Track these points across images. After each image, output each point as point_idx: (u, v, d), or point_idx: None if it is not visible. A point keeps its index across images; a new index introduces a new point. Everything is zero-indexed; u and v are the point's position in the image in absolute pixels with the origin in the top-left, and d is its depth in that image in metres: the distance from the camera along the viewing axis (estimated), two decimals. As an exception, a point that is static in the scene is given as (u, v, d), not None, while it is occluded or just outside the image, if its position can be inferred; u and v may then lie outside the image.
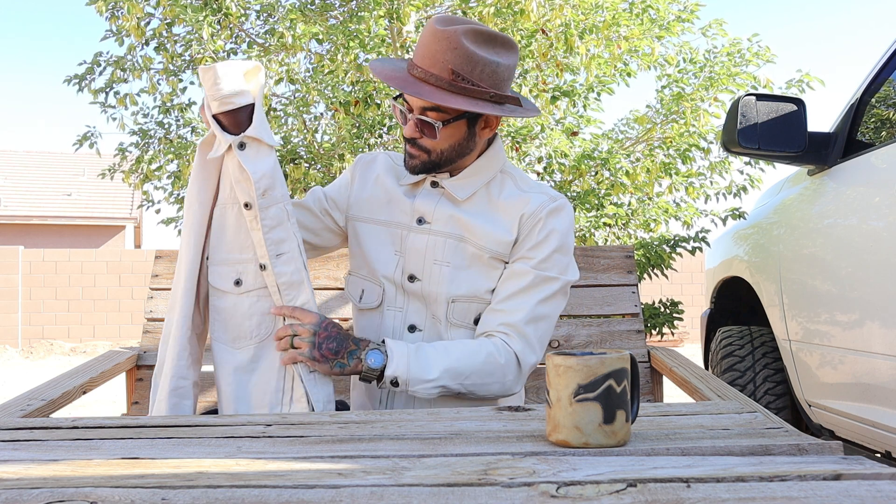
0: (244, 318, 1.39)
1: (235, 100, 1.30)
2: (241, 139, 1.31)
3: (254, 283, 1.38)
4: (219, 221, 1.39)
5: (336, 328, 1.36)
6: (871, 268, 1.78)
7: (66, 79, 4.24)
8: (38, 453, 0.87)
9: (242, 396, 1.37)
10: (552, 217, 1.44)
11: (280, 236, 1.36)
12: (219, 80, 1.28)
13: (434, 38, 1.37)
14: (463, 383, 1.37)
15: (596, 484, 0.70)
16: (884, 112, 2.06)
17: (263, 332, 1.39)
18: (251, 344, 1.39)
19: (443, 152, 1.43)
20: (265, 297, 1.39)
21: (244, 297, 1.39)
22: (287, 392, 1.37)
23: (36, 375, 7.99)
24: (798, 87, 3.99)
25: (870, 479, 0.71)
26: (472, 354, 1.37)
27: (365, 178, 1.55)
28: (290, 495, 0.68)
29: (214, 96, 1.29)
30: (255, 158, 1.32)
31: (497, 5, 3.76)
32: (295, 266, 1.37)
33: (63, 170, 18.71)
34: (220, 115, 1.32)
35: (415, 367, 1.35)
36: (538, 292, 1.42)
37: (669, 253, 3.75)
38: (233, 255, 1.39)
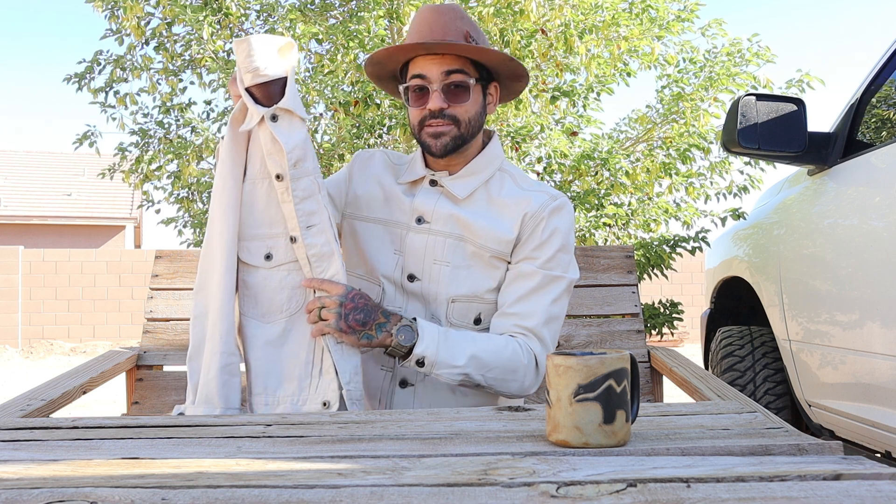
0: (275, 292, 1.38)
1: (269, 72, 1.30)
2: (274, 111, 1.31)
3: (284, 257, 1.38)
4: (248, 197, 1.39)
5: (364, 299, 1.35)
6: (871, 268, 1.78)
7: (65, 77, 4.24)
8: (38, 453, 0.87)
9: (273, 370, 1.37)
10: (554, 216, 1.45)
11: (311, 208, 1.35)
12: (253, 52, 1.28)
13: (437, 13, 1.42)
14: (485, 375, 1.36)
15: (596, 484, 0.70)
16: (884, 112, 2.06)
17: (294, 306, 1.39)
18: (282, 318, 1.38)
19: (470, 122, 1.44)
20: (295, 271, 1.38)
21: (274, 271, 1.38)
22: (316, 364, 1.37)
23: (36, 375, 7.99)
24: (798, 86, 3.99)
25: (870, 479, 0.71)
26: (498, 349, 1.37)
27: (363, 175, 1.55)
28: (290, 495, 0.68)
29: (248, 68, 1.29)
30: (287, 130, 1.32)
31: (497, 5, 3.76)
32: (325, 238, 1.36)
33: (63, 170, 18.71)
34: (253, 88, 1.31)
35: (444, 350, 1.34)
36: (548, 293, 1.43)
37: (669, 253, 3.75)
38: (262, 229, 1.38)
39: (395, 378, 1.45)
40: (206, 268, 1.39)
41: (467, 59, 1.42)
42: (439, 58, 1.40)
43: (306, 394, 1.35)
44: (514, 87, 1.55)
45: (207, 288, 1.38)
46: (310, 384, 1.36)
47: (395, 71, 1.50)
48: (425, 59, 1.41)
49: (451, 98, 1.40)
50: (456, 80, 1.40)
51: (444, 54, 1.40)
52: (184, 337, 2.08)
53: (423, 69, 1.41)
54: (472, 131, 1.45)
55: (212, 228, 1.39)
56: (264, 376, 1.36)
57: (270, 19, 4.19)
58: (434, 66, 1.40)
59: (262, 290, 1.39)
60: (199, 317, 1.38)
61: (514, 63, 1.45)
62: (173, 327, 2.09)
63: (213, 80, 4.33)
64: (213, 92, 4.43)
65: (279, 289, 1.38)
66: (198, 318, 1.38)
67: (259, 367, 1.37)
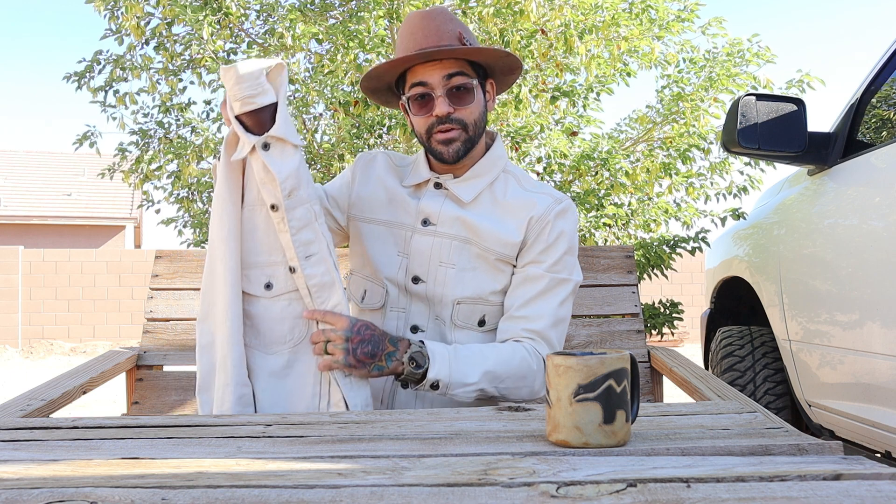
0: (276, 322, 1.35)
1: (257, 99, 1.26)
2: (265, 139, 1.28)
3: (284, 287, 1.35)
4: (247, 224, 1.36)
5: (370, 330, 1.32)
6: (871, 268, 1.78)
7: (65, 76, 4.24)
8: (38, 453, 0.87)
9: (278, 402, 1.34)
10: (560, 219, 1.46)
11: (308, 237, 1.32)
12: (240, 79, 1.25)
13: (427, 18, 1.42)
14: (498, 387, 1.36)
15: (596, 484, 0.70)
16: (884, 112, 2.06)
17: (297, 336, 1.35)
18: (285, 349, 1.35)
19: (476, 123, 1.43)
20: (296, 301, 1.35)
21: (275, 301, 1.35)
22: (324, 396, 1.33)
23: (36, 375, 7.99)
24: (798, 87, 3.99)
25: (870, 479, 0.71)
26: (507, 359, 1.37)
27: (366, 176, 1.55)
28: (290, 495, 0.68)
29: (236, 96, 1.26)
30: (279, 158, 1.28)
31: (497, 5, 3.76)
32: (325, 267, 1.33)
33: (63, 170, 18.72)
34: (243, 116, 1.28)
35: (456, 371, 1.33)
36: (555, 295, 1.44)
37: (669, 253, 3.75)
38: (262, 257, 1.35)
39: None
40: (209, 296, 1.36)
41: (465, 61, 1.42)
42: (438, 63, 1.40)
43: None
44: (507, 80, 1.55)
45: (212, 317, 1.35)
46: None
47: (391, 82, 1.49)
48: (424, 66, 1.41)
49: (455, 101, 1.40)
50: (458, 82, 1.40)
51: (442, 59, 1.40)
52: (184, 337, 2.08)
53: (423, 76, 1.40)
54: (479, 132, 1.45)
55: (213, 255, 1.35)
56: (269, 408, 1.34)
57: (270, 19, 4.19)
58: (434, 72, 1.39)
59: (262, 321, 1.36)
60: (205, 346, 1.35)
61: (510, 58, 1.45)
62: (173, 327, 2.09)
63: (212, 80, 4.33)
64: (213, 92, 4.43)
65: (280, 319, 1.35)
66: (204, 349, 1.35)
67: (264, 399, 1.34)
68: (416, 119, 1.44)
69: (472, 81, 1.41)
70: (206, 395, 1.34)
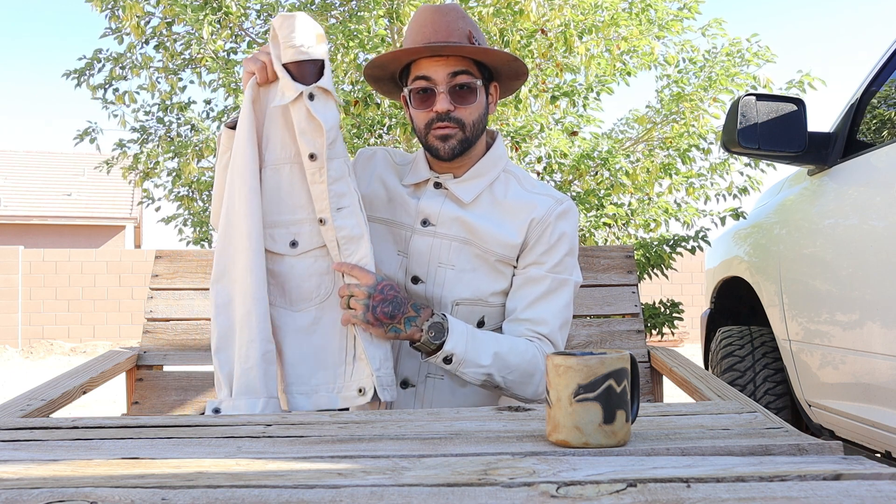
0: (302, 280, 1.36)
1: (311, 51, 1.30)
2: (312, 89, 1.30)
3: (310, 243, 1.36)
4: (271, 183, 1.36)
5: (393, 291, 1.33)
6: (871, 268, 1.78)
7: (65, 73, 4.24)
8: (38, 453, 0.87)
9: (305, 359, 1.35)
10: (561, 220, 1.46)
11: (342, 189, 1.33)
12: (297, 29, 1.29)
13: (438, 14, 1.41)
14: (506, 377, 1.36)
15: (596, 484, 0.70)
16: (884, 112, 2.06)
17: (323, 292, 1.37)
18: (312, 306, 1.37)
19: (474, 124, 1.43)
20: (322, 258, 1.37)
21: (301, 258, 1.36)
22: (349, 351, 1.35)
23: (36, 375, 7.99)
24: (799, 87, 3.99)
25: (870, 479, 0.71)
26: (521, 352, 1.37)
27: (366, 174, 1.54)
28: (290, 495, 0.68)
29: (291, 43, 1.29)
30: (323, 110, 1.31)
31: (496, 5, 3.76)
32: (356, 220, 1.34)
33: (63, 170, 18.72)
34: (291, 65, 1.31)
35: (471, 349, 1.33)
36: (558, 297, 1.44)
37: (669, 253, 3.75)
38: (286, 216, 1.36)
39: (397, 378, 1.45)
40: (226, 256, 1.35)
41: (471, 61, 1.42)
42: (444, 59, 1.39)
43: (341, 381, 1.34)
44: (511, 86, 1.55)
45: (230, 275, 1.34)
46: (344, 371, 1.35)
47: (395, 73, 1.49)
48: (430, 60, 1.40)
49: (457, 100, 1.40)
50: (462, 81, 1.40)
51: (449, 56, 1.39)
52: (184, 337, 2.08)
53: (427, 71, 1.40)
54: (477, 133, 1.45)
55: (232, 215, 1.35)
56: (297, 365, 1.35)
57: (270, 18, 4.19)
58: (439, 67, 1.39)
59: (289, 279, 1.37)
60: (222, 306, 1.34)
61: (517, 63, 1.45)
62: (173, 327, 2.09)
63: (212, 79, 4.33)
64: (213, 91, 4.43)
65: (307, 276, 1.36)
66: (221, 308, 1.34)
67: (292, 355, 1.35)
68: (416, 113, 1.44)
69: (476, 82, 1.41)
70: (224, 355, 1.32)
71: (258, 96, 1.36)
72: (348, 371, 1.35)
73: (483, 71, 1.45)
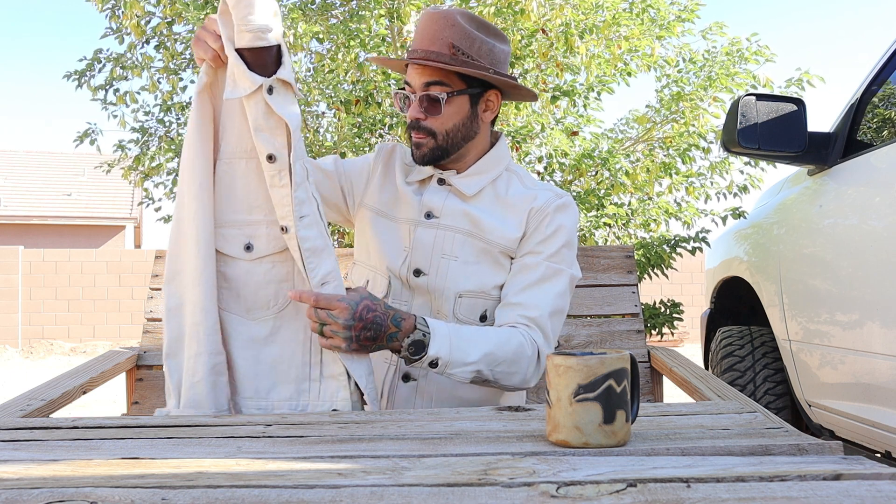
0: (259, 287, 1.25)
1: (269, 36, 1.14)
2: (272, 82, 1.16)
3: (267, 248, 1.24)
4: (225, 178, 1.24)
5: (371, 312, 1.25)
6: (871, 268, 1.78)
7: (65, 74, 4.24)
8: (38, 453, 0.87)
9: (262, 372, 1.25)
10: (559, 213, 1.46)
11: (302, 196, 1.21)
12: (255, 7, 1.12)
13: (431, 20, 1.42)
14: (494, 370, 1.34)
15: (596, 484, 0.70)
16: (884, 112, 2.06)
17: (282, 301, 1.26)
18: (269, 315, 1.26)
19: (448, 133, 1.43)
20: (281, 263, 1.25)
21: (257, 263, 1.25)
22: (315, 366, 1.26)
23: (36, 375, 7.99)
24: (798, 85, 3.99)
25: (870, 479, 0.71)
26: (505, 342, 1.35)
27: (386, 170, 1.56)
28: (290, 495, 0.68)
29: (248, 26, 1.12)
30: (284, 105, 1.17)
31: (497, 5, 3.76)
32: (318, 230, 1.22)
33: (63, 170, 18.72)
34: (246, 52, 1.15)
35: (456, 349, 1.31)
36: (552, 285, 1.43)
37: (670, 253, 3.75)
38: (240, 215, 1.24)
39: (399, 372, 1.46)
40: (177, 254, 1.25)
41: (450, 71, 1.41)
42: (422, 68, 1.41)
43: (306, 399, 1.25)
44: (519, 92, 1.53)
45: (180, 277, 1.24)
46: (309, 388, 1.26)
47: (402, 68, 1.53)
48: (413, 67, 1.42)
49: (427, 110, 1.41)
50: (431, 92, 1.40)
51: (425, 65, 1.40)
52: (184, 337, 2.08)
53: (410, 78, 1.43)
54: (454, 141, 1.44)
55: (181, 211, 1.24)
56: (254, 378, 1.25)
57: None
58: (417, 76, 1.41)
59: (244, 285, 1.25)
60: (173, 309, 1.25)
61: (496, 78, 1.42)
62: (173, 327, 2.08)
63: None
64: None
65: (264, 283, 1.25)
66: (172, 311, 1.25)
67: (246, 367, 1.25)
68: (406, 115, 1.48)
69: (444, 95, 1.40)
70: (173, 361, 1.25)
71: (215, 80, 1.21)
72: (314, 388, 1.25)
73: (471, 81, 1.43)
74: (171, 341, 1.25)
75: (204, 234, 1.22)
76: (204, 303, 1.21)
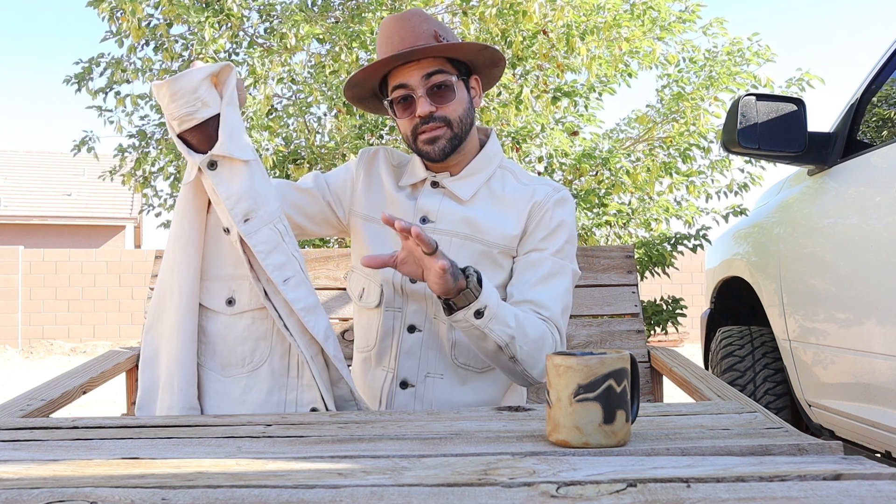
0: (237, 343, 1.25)
1: (198, 114, 1.15)
2: (209, 158, 1.17)
3: (248, 303, 1.24)
4: (214, 231, 1.25)
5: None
6: (871, 267, 1.78)
7: (65, 78, 4.24)
8: (38, 453, 0.87)
9: None
10: (559, 207, 1.46)
11: (280, 260, 1.21)
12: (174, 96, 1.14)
13: (402, 21, 1.42)
14: (522, 347, 1.31)
15: (596, 484, 0.70)
16: (884, 112, 2.06)
17: (257, 359, 1.25)
18: (243, 373, 1.25)
19: (461, 120, 1.43)
20: (261, 320, 1.24)
21: (237, 318, 1.25)
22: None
23: (36, 375, 7.99)
24: (798, 85, 3.99)
25: (870, 479, 0.71)
26: (534, 323, 1.34)
27: (369, 175, 1.54)
28: (290, 495, 0.68)
29: (172, 115, 1.15)
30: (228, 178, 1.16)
31: (499, 6, 3.76)
32: (307, 289, 1.22)
33: (63, 170, 18.72)
34: (186, 133, 1.17)
35: (501, 306, 1.28)
36: (560, 281, 1.42)
37: (670, 251, 3.75)
38: (227, 270, 1.25)
39: (396, 379, 1.45)
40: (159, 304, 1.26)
41: (444, 59, 1.42)
42: (416, 64, 1.40)
43: None
44: (492, 74, 1.55)
45: (158, 326, 1.25)
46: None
47: (374, 88, 1.49)
48: (403, 68, 1.41)
49: (437, 100, 1.41)
50: (437, 80, 1.40)
51: (420, 59, 1.40)
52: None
53: (403, 79, 1.41)
54: (465, 128, 1.45)
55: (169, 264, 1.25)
56: None
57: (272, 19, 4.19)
58: (413, 73, 1.40)
59: (222, 340, 1.25)
60: (147, 360, 1.26)
61: (489, 50, 1.44)
62: (173, 327, 2.08)
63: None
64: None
65: (242, 339, 1.24)
66: (146, 362, 1.26)
67: None
68: (401, 122, 1.45)
69: (452, 78, 1.41)
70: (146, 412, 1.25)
71: None
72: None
73: (459, 66, 1.45)
74: (144, 394, 1.25)
75: (188, 286, 1.22)
76: (180, 355, 1.21)
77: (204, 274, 1.25)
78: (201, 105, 1.15)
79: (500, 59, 1.49)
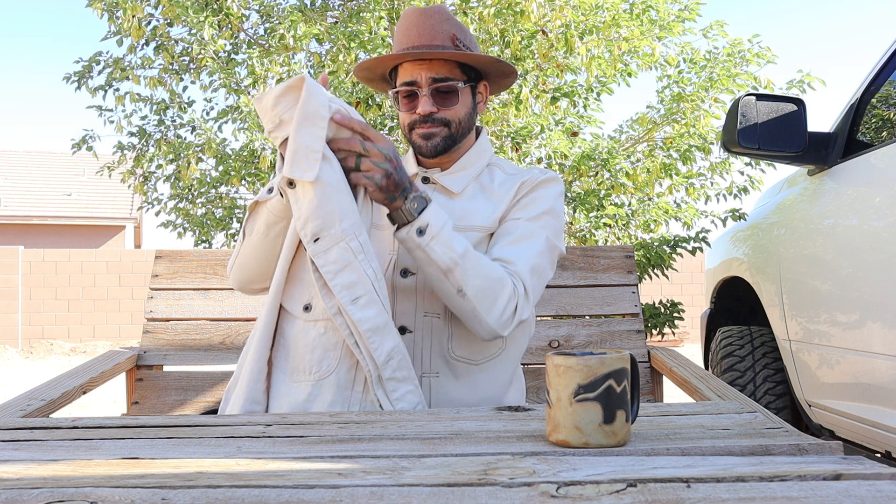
0: (307, 349, 1.27)
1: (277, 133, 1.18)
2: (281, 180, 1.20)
3: (323, 312, 1.25)
4: None
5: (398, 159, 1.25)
6: (871, 268, 1.78)
7: (65, 76, 4.24)
8: (38, 453, 0.87)
9: None
10: (543, 186, 1.47)
11: (350, 280, 1.20)
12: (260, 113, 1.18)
13: (423, 16, 1.43)
14: (469, 280, 1.28)
15: (596, 484, 0.70)
16: (884, 112, 2.06)
17: (324, 369, 1.26)
18: (309, 380, 1.27)
19: (461, 122, 1.45)
20: (333, 330, 1.25)
21: (311, 325, 1.27)
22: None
23: (36, 375, 7.99)
24: (799, 87, 3.99)
25: (870, 479, 0.71)
26: (490, 265, 1.32)
27: None
28: (290, 495, 0.68)
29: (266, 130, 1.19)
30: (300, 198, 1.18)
31: (497, 6, 3.76)
32: (377, 309, 1.21)
33: (63, 170, 18.72)
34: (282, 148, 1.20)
35: (447, 228, 1.27)
36: (531, 243, 1.39)
37: (670, 253, 3.75)
38: (308, 275, 1.27)
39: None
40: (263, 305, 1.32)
41: (455, 63, 1.44)
42: (427, 63, 1.41)
43: None
44: (502, 83, 1.57)
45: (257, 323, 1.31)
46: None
47: (384, 74, 1.52)
48: (413, 64, 1.42)
49: (439, 102, 1.42)
50: (444, 84, 1.41)
51: (432, 59, 1.41)
52: (184, 337, 2.08)
53: (411, 75, 1.42)
54: (463, 131, 1.47)
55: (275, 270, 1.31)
56: None
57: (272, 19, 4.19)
58: (422, 71, 1.41)
59: (294, 344, 1.28)
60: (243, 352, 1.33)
61: (501, 64, 1.46)
62: (173, 327, 2.09)
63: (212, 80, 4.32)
64: (214, 92, 4.42)
65: (312, 347, 1.26)
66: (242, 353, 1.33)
67: None
68: (402, 114, 1.47)
69: (459, 84, 1.43)
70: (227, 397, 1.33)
71: None
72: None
73: (470, 71, 1.47)
74: (233, 380, 1.34)
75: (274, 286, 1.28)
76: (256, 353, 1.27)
77: (291, 277, 1.29)
78: (279, 122, 1.18)
79: (512, 72, 1.50)
